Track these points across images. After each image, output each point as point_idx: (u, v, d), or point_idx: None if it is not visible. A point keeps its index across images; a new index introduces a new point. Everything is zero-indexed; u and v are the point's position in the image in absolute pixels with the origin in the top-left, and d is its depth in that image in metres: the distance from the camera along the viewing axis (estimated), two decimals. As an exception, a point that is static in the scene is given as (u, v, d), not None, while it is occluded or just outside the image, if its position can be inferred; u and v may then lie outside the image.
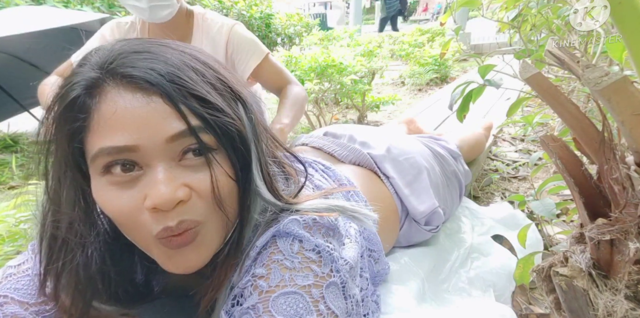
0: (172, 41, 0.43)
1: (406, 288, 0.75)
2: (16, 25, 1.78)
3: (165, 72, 0.37)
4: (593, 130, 0.49)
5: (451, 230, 1.02)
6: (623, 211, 0.45)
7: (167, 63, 0.38)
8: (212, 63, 0.43)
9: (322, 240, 0.44)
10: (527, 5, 0.97)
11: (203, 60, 0.42)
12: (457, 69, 4.23)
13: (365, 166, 0.88)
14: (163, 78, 0.37)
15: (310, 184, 0.55)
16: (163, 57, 0.38)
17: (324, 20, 9.05)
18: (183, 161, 0.38)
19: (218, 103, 0.39)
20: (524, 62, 0.49)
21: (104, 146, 0.36)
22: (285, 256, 0.41)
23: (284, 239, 0.43)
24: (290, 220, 0.43)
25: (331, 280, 0.42)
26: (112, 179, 0.37)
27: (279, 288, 0.39)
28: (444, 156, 1.02)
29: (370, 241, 0.68)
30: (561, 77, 1.06)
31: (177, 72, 0.38)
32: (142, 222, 0.37)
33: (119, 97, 0.36)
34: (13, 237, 0.93)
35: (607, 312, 0.45)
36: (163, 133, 0.36)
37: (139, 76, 0.36)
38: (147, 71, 0.36)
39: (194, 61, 0.40)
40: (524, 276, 0.78)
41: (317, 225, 0.45)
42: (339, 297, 0.42)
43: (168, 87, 0.36)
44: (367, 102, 2.41)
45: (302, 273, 0.41)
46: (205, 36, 1.19)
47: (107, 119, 0.36)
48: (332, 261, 0.43)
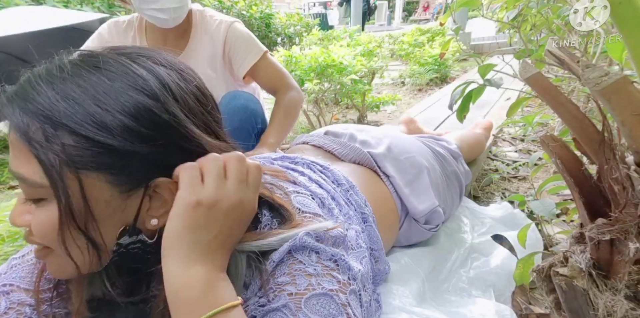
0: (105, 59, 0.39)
1: (406, 288, 0.75)
2: (16, 25, 1.78)
3: (32, 113, 0.36)
4: (593, 130, 0.49)
5: (451, 230, 1.02)
6: (623, 211, 0.45)
7: (36, 101, 0.36)
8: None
9: (337, 250, 0.45)
10: (527, 5, 0.97)
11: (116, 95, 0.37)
12: (457, 69, 4.23)
13: (365, 164, 0.88)
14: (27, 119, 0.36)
15: (304, 189, 0.55)
16: (42, 89, 0.36)
17: (324, 20, 9.05)
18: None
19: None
20: (524, 62, 0.49)
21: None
22: (306, 265, 0.42)
23: (301, 252, 0.43)
24: (305, 233, 0.44)
25: (351, 287, 0.43)
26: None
27: (309, 291, 0.40)
28: (444, 156, 1.02)
29: (371, 239, 0.68)
30: (561, 77, 1.06)
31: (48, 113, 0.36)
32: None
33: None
34: (13, 237, 0.93)
35: (607, 312, 0.45)
36: (13, 166, 0.38)
37: (8, 112, 0.37)
38: (18, 108, 0.36)
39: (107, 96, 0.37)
40: (524, 276, 0.78)
41: (328, 236, 0.46)
42: (358, 304, 0.44)
43: (20, 127, 0.36)
44: (367, 102, 2.41)
45: (327, 278, 0.42)
46: (203, 33, 1.20)
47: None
48: (349, 269, 0.45)
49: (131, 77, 0.38)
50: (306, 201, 0.51)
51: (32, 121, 0.36)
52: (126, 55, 0.40)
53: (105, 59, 0.39)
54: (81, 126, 0.36)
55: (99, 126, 0.36)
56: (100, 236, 0.39)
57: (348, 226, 0.56)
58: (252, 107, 1.18)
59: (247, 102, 1.17)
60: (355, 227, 0.58)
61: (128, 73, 0.38)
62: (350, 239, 0.54)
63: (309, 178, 0.62)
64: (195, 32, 1.19)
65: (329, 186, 0.64)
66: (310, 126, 2.37)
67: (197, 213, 0.38)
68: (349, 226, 0.57)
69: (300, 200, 0.51)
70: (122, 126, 0.37)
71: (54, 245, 0.39)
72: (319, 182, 0.62)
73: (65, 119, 0.35)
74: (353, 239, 0.55)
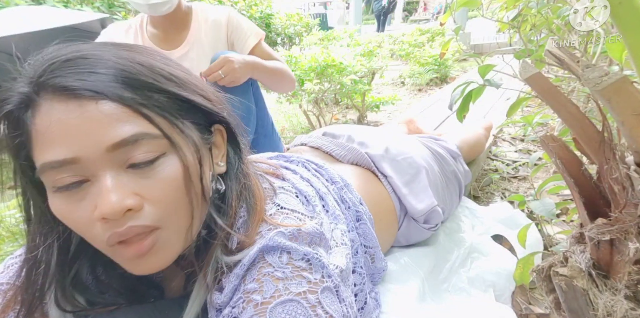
0: (112, 43, 0.41)
1: (406, 288, 0.75)
2: (16, 25, 1.78)
3: (107, 75, 0.36)
4: (593, 130, 0.49)
5: (451, 230, 1.02)
6: (623, 211, 0.45)
7: (107, 66, 0.36)
8: (162, 60, 0.42)
9: (309, 248, 0.44)
10: (527, 5, 0.97)
11: (147, 57, 0.41)
12: (457, 69, 4.23)
13: (363, 165, 0.88)
14: (107, 82, 0.35)
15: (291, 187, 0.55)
16: (101, 61, 0.37)
17: (324, 20, 9.05)
18: (130, 168, 0.37)
19: (181, 94, 0.40)
20: (524, 62, 0.49)
21: (45, 161, 0.35)
22: (275, 269, 0.41)
23: (272, 253, 0.42)
24: (276, 233, 0.43)
25: (325, 285, 0.42)
26: (63, 193, 0.36)
27: (275, 298, 0.38)
28: (443, 156, 1.02)
29: (365, 237, 0.68)
30: (561, 77, 1.06)
31: (122, 72, 0.37)
32: (97, 232, 0.37)
33: (52, 109, 0.35)
34: (13, 237, 0.93)
35: (607, 312, 0.45)
36: (102, 142, 0.35)
37: (73, 86, 0.35)
38: (81, 79, 0.35)
39: (140, 57, 0.39)
40: (524, 276, 0.78)
41: (303, 235, 0.45)
42: (334, 301, 0.42)
43: (113, 91, 0.35)
44: (367, 102, 2.41)
45: (295, 281, 0.40)
46: (204, 22, 1.22)
47: (43, 133, 0.35)
48: (323, 267, 0.43)
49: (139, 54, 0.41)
50: (288, 199, 0.51)
51: (119, 86, 0.36)
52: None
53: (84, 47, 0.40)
54: (159, 81, 0.39)
55: (170, 81, 0.40)
56: (207, 184, 0.42)
57: (334, 227, 0.56)
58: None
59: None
60: (340, 227, 0.58)
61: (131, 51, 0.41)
62: (335, 237, 0.54)
63: (301, 176, 0.62)
64: (195, 23, 1.21)
65: (321, 184, 0.64)
66: (310, 126, 2.37)
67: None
68: (335, 227, 0.57)
69: (282, 196, 0.51)
70: (180, 79, 0.41)
71: (172, 207, 0.38)
72: (310, 180, 0.62)
73: (146, 78, 0.38)
74: (338, 237, 0.55)
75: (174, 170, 0.38)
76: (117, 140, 0.35)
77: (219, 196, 0.47)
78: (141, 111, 0.36)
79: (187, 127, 0.41)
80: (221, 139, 0.47)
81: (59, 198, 0.37)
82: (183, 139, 0.40)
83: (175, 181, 0.38)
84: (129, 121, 0.36)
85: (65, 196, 0.36)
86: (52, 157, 0.35)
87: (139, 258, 0.38)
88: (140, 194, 0.37)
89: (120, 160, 0.36)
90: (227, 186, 0.47)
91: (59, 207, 0.37)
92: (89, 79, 0.35)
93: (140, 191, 0.37)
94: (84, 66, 0.36)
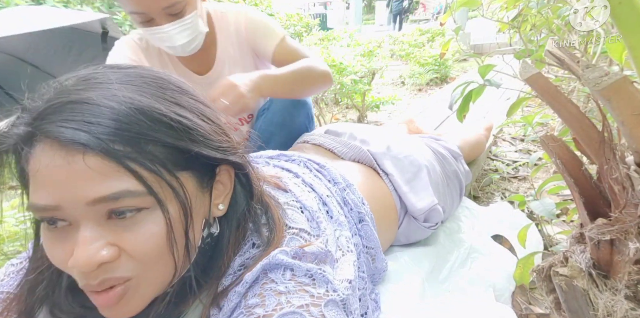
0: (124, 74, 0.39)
1: (406, 288, 0.75)
2: (16, 25, 1.78)
3: (101, 126, 0.34)
4: (593, 130, 0.49)
5: (451, 230, 1.02)
6: (623, 211, 0.45)
7: (104, 115, 0.35)
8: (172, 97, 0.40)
9: (313, 265, 0.44)
10: (527, 5, 0.97)
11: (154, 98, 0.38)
12: (457, 69, 4.23)
13: (365, 162, 0.89)
14: (99, 134, 0.34)
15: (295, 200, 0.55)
16: (99, 108, 0.35)
17: (324, 20, 9.05)
18: (110, 220, 0.36)
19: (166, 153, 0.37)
20: (524, 62, 0.49)
21: (31, 202, 0.36)
22: (277, 284, 0.41)
23: (275, 270, 0.42)
24: (279, 251, 0.43)
25: (329, 298, 0.41)
26: (50, 231, 0.37)
27: (277, 311, 0.38)
28: (444, 155, 1.02)
29: (367, 238, 0.68)
30: (561, 77, 1.06)
31: (119, 124, 0.35)
32: (74, 274, 0.37)
33: (43, 154, 0.34)
34: (13, 237, 0.93)
35: (607, 312, 0.45)
36: (83, 196, 0.34)
37: (63, 136, 0.33)
38: (74, 127, 0.34)
39: (144, 101, 0.37)
40: (524, 276, 0.78)
41: (307, 255, 0.45)
42: (339, 314, 0.41)
43: (103, 145, 0.34)
44: (367, 102, 2.41)
45: (298, 295, 0.40)
46: (226, 32, 1.12)
47: (33, 176, 0.35)
48: (327, 282, 0.43)
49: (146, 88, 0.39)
50: (294, 216, 0.51)
51: (110, 139, 0.34)
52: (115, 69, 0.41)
53: (105, 74, 0.39)
54: (157, 131, 0.36)
55: (171, 129, 0.37)
56: (193, 236, 0.41)
57: (339, 234, 0.56)
58: (308, 102, 1.15)
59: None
60: (345, 233, 0.58)
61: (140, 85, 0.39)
62: (341, 245, 0.54)
63: (303, 180, 0.62)
64: (220, 36, 1.11)
65: (324, 187, 0.64)
66: (310, 126, 2.37)
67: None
68: (340, 233, 0.57)
69: (289, 213, 0.51)
70: (186, 124, 0.39)
71: (151, 261, 0.37)
72: (313, 185, 0.62)
73: (144, 129, 0.36)
74: (344, 245, 0.54)
75: (156, 226, 0.37)
76: (97, 196, 0.34)
77: (211, 240, 0.46)
78: (129, 166, 0.35)
79: (180, 181, 0.39)
80: (227, 177, 0.45)
81: (46, 231, 0.37)
82: (171, 195, 0.38)
83: (155, 237, 0.37)
84: (114, 177, 0.35)
85: (51, 232, 0.37)
86: (37, 200, 0.35)
87: (109, 307, 0.38)
88: (118, 245, 0.36)
89: (100, 212, 0.36)
90: (223, 230, 0.46)
91: (45, 240, 0.38)
92: (82, 128, 0.34)
93: (119, 242, 0.36)
94: (80, 113, 0.34)
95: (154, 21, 0.90)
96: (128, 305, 0.38)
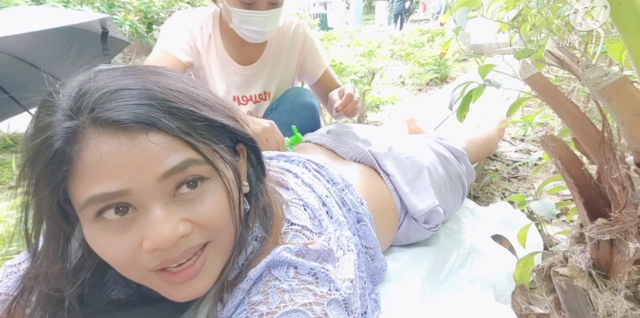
0: (143, 67, 0.41)
1: (406, 288, 0.75)
2: (16, 25, 1.78)
3: (154, 106, 0.36)
4: (593, 130, 0.49)
5: (451, 230, 1.02)
6: (623, 211, 0.45)
7: (151, 96, 0.37)
8: (190, 83, 0.42)
9: (316, 264, 0.44)
10: (527, 5, 0.97)
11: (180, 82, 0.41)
12: (457, 69, 4.23)
13: (366, 163, 0.89)
14: (154, 113, 0.36)
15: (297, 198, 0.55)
16: (145, 91, 0.37)
17: (324, 20, 9.05)
18: (178, 196, 0.38)
19: (221, 121, 0.41)
20: (524, 62, 0.49)
21: (94, 194, 0.35)
22: (281, 282, 0.42)
23: (279, 268, 0.43)
24: (283, 248, 0.44)
25: (332, 297, 0.42)
26: (106, 224, 0.36)
27: (280, 309, 0.39)
28: (447, 157, 1.02)
29: (366, 238, 0.68)
30: (561, 77, 1.06)
31: (167, 102, 0.37)
32: (139, 261, 0.37)
33: (102, 143, 0.34)
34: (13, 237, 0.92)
35: (607, 312, 0.45)
36: (154, 172, 0.35)
37: (125, 119, 0.34)
38: (132, 111, 0.35)
39: (175, 84, 0.40)
40: (524, 276, 0.78)
41: (310, 252, 0.46)
42: (342, 313, 0.42)
43: (162, 121, 0.36)
44: (367, 102, 2.40)
45: (301, 293, 0.41)
46: (281, 39, 1.18)
47: (93, 166, 0.34)
48: (330, 281, 0.44)
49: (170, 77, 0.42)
50: (298, 212, 0.52)
51: (164, 116, 0.36)
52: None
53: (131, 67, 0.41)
54: (198, 109, 0.39)
55: (206, 106, 0.41)
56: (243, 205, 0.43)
57: (339, 233, 0.57)
58: (316, 105, 1.22)
59: (311, 99, 1.21)
60: (345, 233, 0.58)
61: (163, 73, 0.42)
62: (341, 244, 0.54)
63: (302, 180, 0.62)
64: (273, 40, 1.17)
65: (322, 187, 0.64)
66: (310, 126, 2.37)
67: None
68: (340, 233, 0.57)
69: (292, 210, 0.52)
70: (212, 103, 0.42)
71: (221, 227, 0.40)
72: (312, 186, 0.62)
73: (188, 106, 0.38)
74: (344, 244, 0.55)
75: (219, 194, 0.40)
76: (168, 168, 0.36)
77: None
78: (186, 139, 0.37)
79: (224, 152, 0.42)
80: (243, 159, 0.48)
81: (99, 230, 0.37)
82: (223, 164, 0.41)
83: (221, 205, 0.40)
84: (177, 150, 0.37)
85: (108, 227, 0.36)
86: (103, 190, 0.34)
87: (186, 282, 0.39)
88: (189, 219, 0.38)
89: (169, 189, 0.37)
90: (250, 205, 0.48)
91: (98, 239, 0.37)
92: (138, 111, 0.35)
93: (189, 216, 0.38)
94: (130, 97, 0.36)
95: (254, 5, 0.98)
96: (204, 279, 0.40)
